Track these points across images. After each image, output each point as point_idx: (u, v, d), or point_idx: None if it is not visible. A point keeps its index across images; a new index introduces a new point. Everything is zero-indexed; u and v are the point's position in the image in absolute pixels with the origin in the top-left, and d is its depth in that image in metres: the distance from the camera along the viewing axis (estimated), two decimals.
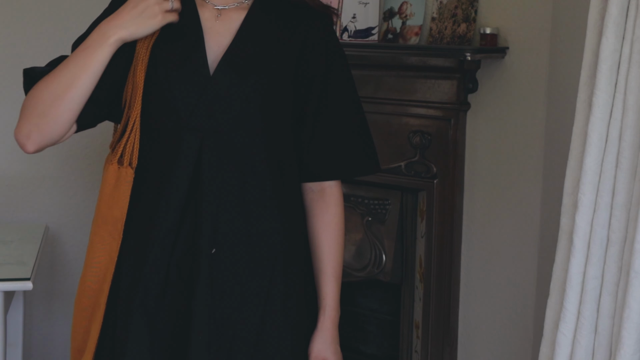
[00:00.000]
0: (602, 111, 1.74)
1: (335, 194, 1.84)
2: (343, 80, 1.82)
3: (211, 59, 1.72)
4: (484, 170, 2.95)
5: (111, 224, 1.74)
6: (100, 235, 1.76)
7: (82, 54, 1.69)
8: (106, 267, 1.75)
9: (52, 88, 1.69)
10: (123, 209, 1.73)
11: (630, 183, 1.72)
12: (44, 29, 3.44)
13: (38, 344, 3.53)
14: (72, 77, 1.68)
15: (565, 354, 1.81)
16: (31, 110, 1.71)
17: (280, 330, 1.74)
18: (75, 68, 1.68)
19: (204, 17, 1.75)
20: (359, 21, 3.13)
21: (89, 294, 1.82)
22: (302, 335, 1.79)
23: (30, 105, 1.72)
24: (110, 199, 1.74)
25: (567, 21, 2.67)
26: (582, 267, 1.79)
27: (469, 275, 3.01)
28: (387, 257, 3.13)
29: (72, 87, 1.68)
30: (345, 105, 1.82)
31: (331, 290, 1.81)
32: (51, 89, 1.69)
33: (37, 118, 1.71)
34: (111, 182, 1.75)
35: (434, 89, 2.95)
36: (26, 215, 3.44)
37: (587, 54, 1.80)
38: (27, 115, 1.72)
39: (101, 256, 1.76)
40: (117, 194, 1.74)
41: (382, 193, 3.14)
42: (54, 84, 1.69)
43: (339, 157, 1.83)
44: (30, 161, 3.44)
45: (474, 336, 3.00)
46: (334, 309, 1.81)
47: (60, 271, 3.52)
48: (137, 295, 1.71)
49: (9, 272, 2.68)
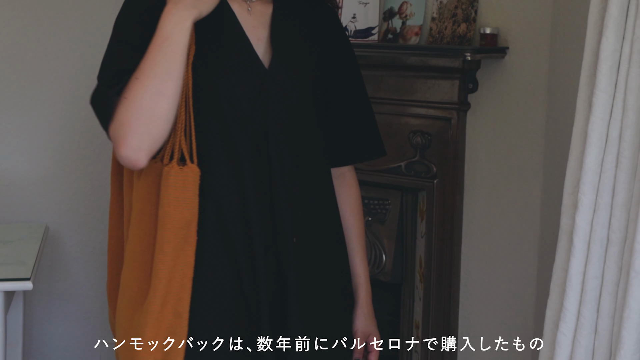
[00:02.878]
0: (602, 111, 1.74)
1: (354, 177, 1.97)
2: (356, 67, 1.93)
3: (259, 53, 1.76)
4: (484, 170, 2.95)
5: (184, 228, 1.66)
6: (169, 242, 1.65)
7: (166, 45, 1.62)
8: (183, 274, 1.66)
9: (150, 88, 1.61)
10: (194, 209, 1.67)
11: (630, 183, 1.72)
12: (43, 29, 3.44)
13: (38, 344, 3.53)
14: (167, 70, 1.62)
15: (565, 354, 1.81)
16: (135, 120, 1.60)
17: (343, 308, 1.89)
18: (166, 60, 1.62)
19: (236, 10, 1.77)
20: (359, 21, 3.13)
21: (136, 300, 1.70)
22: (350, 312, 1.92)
23: (131, 117, 1.61)
24: (178, 201, 1.66)
25: (567, 21, 2.67)
26: (582, 267, 1.79)
27: (469, 275, 3.01)
28: (387, 257, 3.13)
29: (170, 79, 1.62)
30: (361, 91, 1.94)
31: (365, 268, 1.94)
32: (149, 89, 1.61)
33: (146, 125, 1.61)
34: (176, 183, 1.66)
35: (434, 89, 2.95)
36: (26, 215, 3.43)
37: (587, 54, 1.80)
38: (132, 127, 1.60)
39: (168, 261, 1.66)
40: (185, 194, 1.66)
41: (382, 193, 3.14)
42: (151, 83, 1.61)
43: (361, 141, 1.96)
44: (30, 161, 3.44)
45: (474, 336, 3.00)
46: (369, 285, 1.94)
47: (60, 271, 3.52)
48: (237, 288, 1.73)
49: (9, 272, 2.68)
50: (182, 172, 1.65)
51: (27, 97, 3.42)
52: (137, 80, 1.61)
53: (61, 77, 3.47)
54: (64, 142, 3.50)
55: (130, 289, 1.70)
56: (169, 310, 1.64)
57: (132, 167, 1.64)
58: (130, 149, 1.60)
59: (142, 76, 1.61)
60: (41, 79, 3.44)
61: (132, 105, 1.60)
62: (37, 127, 3.44)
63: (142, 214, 1.70)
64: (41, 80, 3.44)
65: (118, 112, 1.61)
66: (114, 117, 1.61)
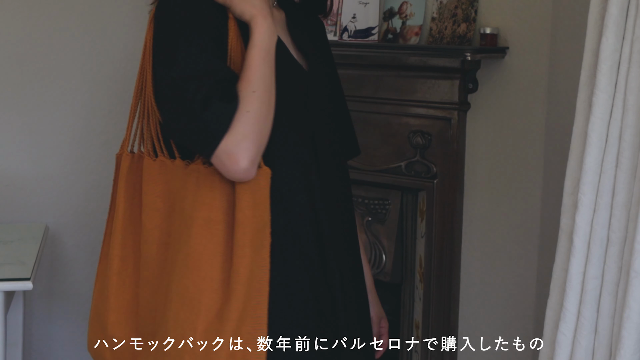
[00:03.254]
0: (602, 111, 1.74)
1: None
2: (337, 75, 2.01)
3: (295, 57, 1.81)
4: (484, 170, 2.95)
5: (261, 230, 1.66)
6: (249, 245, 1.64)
7: (269, 59, 1.65)
8: (260, 277, 1.65)
9: (265, 101, 1.63)
10: (268, 211, 1.67)
11: (630, 183, 1.72)
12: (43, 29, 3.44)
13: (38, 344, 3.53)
14: (272, 83, 1.65)
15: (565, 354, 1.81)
16: (257, 133, 1.61)
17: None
18: (271, 74, 1.65)
19: None
20: (359, 21, 3.13)
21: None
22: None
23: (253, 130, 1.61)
24: (255, 204, 1.66)
25: (567, 21, 2.67)
26: (582, 267, 1.79)
27: (469, 275, 3.01)
28: (387, 257, 3.13)
29: (274, 92, 1.66)
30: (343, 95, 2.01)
31: (365, 255, 2.01)
32: (265, 102, 1.63)
33: (264, 137, 1.62)
34: (252, 185, 1.66)
35: (434, 89, 2.95)
36: (26, 215, 3.44)
37: (587, 54, 1.80)
38: (254, 140, 1.60)
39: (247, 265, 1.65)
40: (261, 196, 1.66)
41: (382, 193, 3.14)
42: (266, 97, 1.63)
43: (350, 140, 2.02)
44: (30, 161, 3.44)
45: (474, 336, 3.00)
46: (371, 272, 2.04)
47: (60, 271, 3.53)
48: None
49: (9, 272, 2.68)
50: (257, 174, 1.65)
51: (28, 97, 3.42)
52: (254, 93, 1.61)
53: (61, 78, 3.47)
54: (64, 142, 3.50)
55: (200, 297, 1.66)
56: (249, 314, 1.64)
57: (243, 179, 1.62)
58: (250, 161, 1.59)
59: (259, 90, 1.62)
60: (41, 79, 3.44)
61: (255, 118, 1.60)
62: (37, 128, 3.44)
63: (208, 222, 1.66)
64: (41, 80, 3.44)
65: (238, 125, 1.59)
66: (232, 129, 1.59)
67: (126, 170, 1.78)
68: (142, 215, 1.74)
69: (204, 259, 1.65)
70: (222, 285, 1.64)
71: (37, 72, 3.43)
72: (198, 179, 1.67)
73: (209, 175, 1.66)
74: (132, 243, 1.76)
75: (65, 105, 3.48)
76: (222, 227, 1.66)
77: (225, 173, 1.61)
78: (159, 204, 1.72)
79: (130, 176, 1.77)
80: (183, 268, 1.66)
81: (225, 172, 1.61)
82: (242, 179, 1.61)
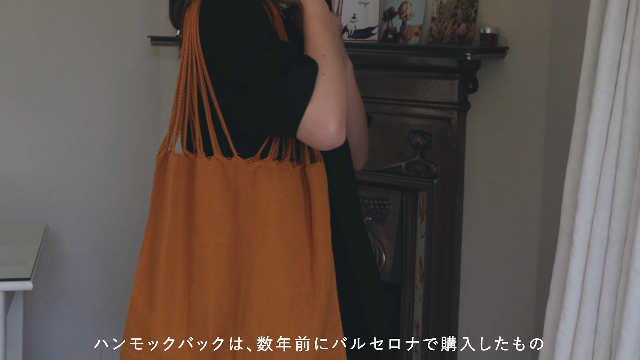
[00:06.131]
0: (602, 111, 1.74)
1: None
2: None
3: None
4: (484, 170, 2.95)
5: (328, 223, 1.70)
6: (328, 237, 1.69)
7: (328, 25, 1.68)
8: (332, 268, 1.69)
9: (336, 64, 1.63)
10: (328, 203, 1.71)
11: (630, 183, 1.72)
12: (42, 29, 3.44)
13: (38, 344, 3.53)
14: (337, 47, 1.68)
15: (565, 354, 1.81)
16: (338, 93, 1.59)
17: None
18: (334, 39, 1.68)
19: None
20: (359, 21, 3.13)
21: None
22: None
23: (334, 90, 1.59)
24: (323, 197, 1.69)
25: (567, 21, 2.67)
26: (582, 267, 1.79)
27: (469, 275, 3.01)
28: (387, 257, 3.13)
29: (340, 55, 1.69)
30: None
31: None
32: (336, 64, 1.63)
33: (344, 98, 1.61)
34: (320, 181, 1.69)
35: (434, 89, 2.95)
36: (26, 215, 3.44)
37: (587, 54, 1.80)
38: (337, 101, 1.59)
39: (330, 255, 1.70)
40: (326, 189, 1.70)
41: (382, 193, 3.14)
42: (336, 59, 1.64)
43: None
44: (30, 161, 3.44)
45: (474, 336, 3.00)
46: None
47: (60, 271, 3.53)
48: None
49: (9, 272, 2.68)
50: (317, 167, 1.69)
51: (28, 97, 3.42)
52: (324, 57, 1.62)
53: (62, 78, 3.47)
54: (64, 142, 3.50)
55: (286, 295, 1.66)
56: (332, 305, 1.68)
57: (335, 144, 1.59)
58: (338, 123, 1.57)
59: (328, 53, 1.63)
60: (41, 79, 3.44)
61: (332, 79, 1.59)
62: (38, 128, 3.44)
63: (285, 219, 1.66)
64: (41, 80, 3.44)
65: (319, 88, 1.58)
66: (315, 95, 1.57)
67: (173, 171, 1.71)
68: (196, 217, 1.68)
69: (286, 256, 1.65)
70: (307, 279, 1.65)
71: (37, 73, 3.44)
72: (270, 177, 1.65)
73: (281, 172, 1.66)
74: (181, 247, 1.70)
75: (66, 106, 3.48)
76: (299, 221, 1.67)
77: (315, 142, 1.58)
78: (214, 204, 1.68)
79: (178, 177, 1.71)
80: (265, 267, 1.64)
81: (315, 140, 1.58)
82: (333, 144, 1.59)
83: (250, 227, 1.66)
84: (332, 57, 1.63)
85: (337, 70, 1.62)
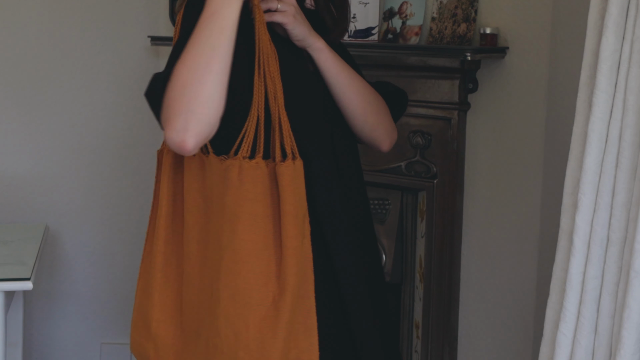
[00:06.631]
0: (602, 111, 1.74)
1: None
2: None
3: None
4: (484, 170, 2.95)
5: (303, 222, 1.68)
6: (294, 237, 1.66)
7: (212, 20, 1.56)
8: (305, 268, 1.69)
9: (194, 66, 1.55)
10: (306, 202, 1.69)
11: (630, 183, 1.72)
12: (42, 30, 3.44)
13: (38, 344, 3.53)
14: (212, 46, 1.56)
15: (565, 354, 1.81)
16: (179, 99, 1.54)
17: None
18: (212, 37, 1.56)
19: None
20: (359, 21, 3.13)
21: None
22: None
23: (174, 96, 1.55)
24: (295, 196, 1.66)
25: (567, 21, 2.67)
26: (582, 267, 1.79)
27: (469, 275, 3.01)
28: (387, 257, 3.13)
29: (216, 55, 1.55)
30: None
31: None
32: (194, 67, 1.54)
33: (189, 104, 1.53)
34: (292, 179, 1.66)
35: (434, 89, 2.95)
36: (26, 215, 3.44)
37: (587, 54, 1.80)
38: (176, 107, 1.54)
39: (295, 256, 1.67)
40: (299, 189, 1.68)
41: (382, 193, 3.14)
42: (195, 60, 1.55)
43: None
44: (30, 161, 3.45)
45: (474, 336, 3.00)
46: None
47: (60, 271, 3.53)
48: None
49: (9, 272, 2.68)
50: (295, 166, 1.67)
51: (28, 98, 3.42)
52: (179, 60, 1.57)
53: (62, 78, 3.47)
54: (64, 142, 3.50)
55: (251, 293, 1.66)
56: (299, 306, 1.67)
57: (180, 150, 1.56)
58: (174, 129, 1.53)
59: (186, 55, 1.56)
60: (42, 79, 3.44)
61: (175, 85, 1.55)
62: (37, 128, 3.44)
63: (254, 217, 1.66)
64: (41, 81, 3.44)
65: (165, 97, 1.56)
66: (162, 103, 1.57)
67: (169, 167, 1.76)
68: (184, 212, 1.74)
69: (253, 254, 1.65)
70: (273, 279, 1.65)
71: (37, 73, 3.44)
72: (240, 174, 1.65)
73: (251, 170, 1.65)
74: (176, 240, 1.76)
75: (66, 106, 3.48)
76: (268, 220, 1.66)
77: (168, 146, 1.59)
78: (199, 200, 1.72)
79: (173, 173, 1.76)
80: (231, 264, 1.65)
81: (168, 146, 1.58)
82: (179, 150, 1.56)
83: (219, 224, 1.68)
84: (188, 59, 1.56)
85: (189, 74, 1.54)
